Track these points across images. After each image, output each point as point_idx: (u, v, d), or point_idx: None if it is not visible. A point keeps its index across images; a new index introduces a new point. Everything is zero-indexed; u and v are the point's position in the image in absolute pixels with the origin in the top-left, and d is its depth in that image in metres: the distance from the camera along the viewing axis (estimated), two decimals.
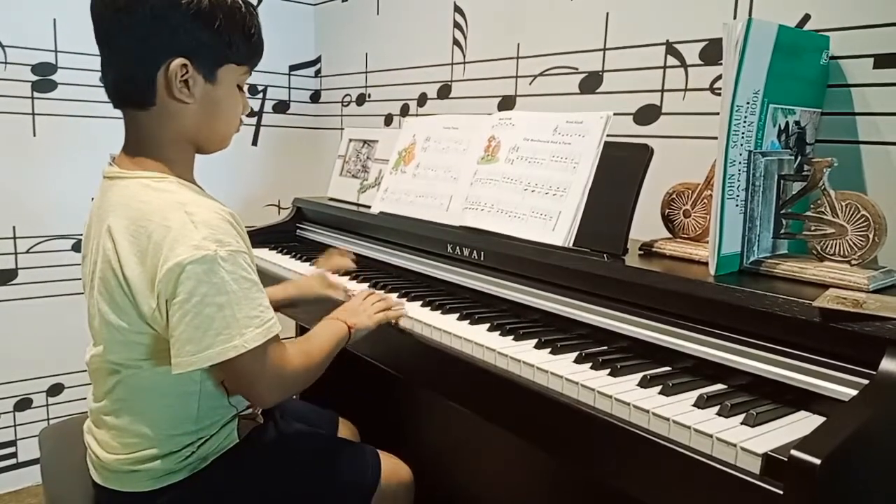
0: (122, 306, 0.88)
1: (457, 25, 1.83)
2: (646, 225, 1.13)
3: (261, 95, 2.36)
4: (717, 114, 0.92)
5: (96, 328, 0.94)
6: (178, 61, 0.89)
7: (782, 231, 0.97)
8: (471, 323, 1.09)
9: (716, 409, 0.76)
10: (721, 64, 0.91)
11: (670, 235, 1.14)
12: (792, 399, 0.78)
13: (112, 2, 0.88)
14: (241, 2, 0.94)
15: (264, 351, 0.88)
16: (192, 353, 0.84)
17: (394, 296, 1.25)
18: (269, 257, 1.67)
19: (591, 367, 0.89)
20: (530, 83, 1.62)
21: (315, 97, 2.49)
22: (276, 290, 1.28)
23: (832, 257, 0.91)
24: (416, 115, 1.99)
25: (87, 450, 1.02)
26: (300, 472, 1.06)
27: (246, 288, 0.86)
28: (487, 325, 1.07)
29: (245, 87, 1.01)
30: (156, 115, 0.92)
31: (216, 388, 0.96)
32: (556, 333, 1.04)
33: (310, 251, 1.70)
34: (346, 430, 1.36)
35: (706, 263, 0.95)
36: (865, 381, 0.71)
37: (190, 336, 0.84)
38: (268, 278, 1.48)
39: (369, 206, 1.56)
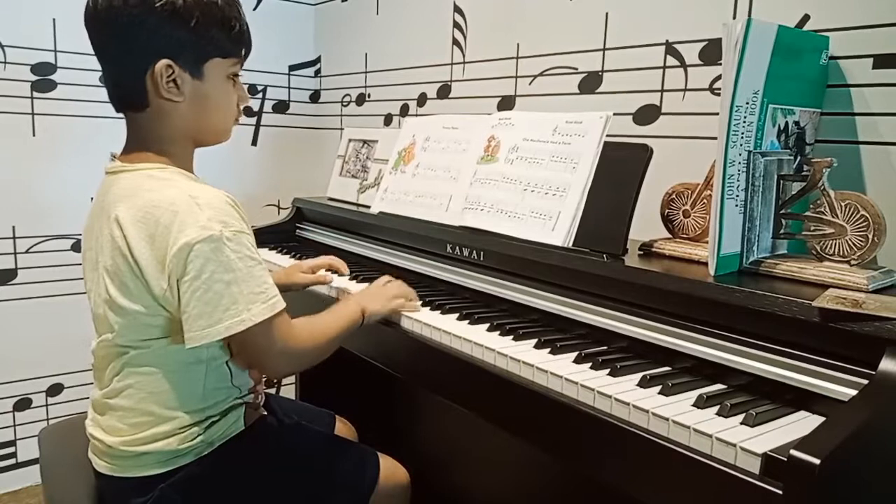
0: (133, 290, 0.92)
1: (456, 25, 1.83)
2: (645, 225, 1.13)
3: (260, 95, 2.36)
4: (717, 114, 0.92)
5: (103, 316, 0.96)
6: (163, 62, 0.93)
7: (782, 231, 0.97)
8: (470, 323, 1.09)
9: (715, 409, 0.76)
10: (720, 64, 0.91)
11: (670, 235, 1.14)
12: (791, 399, 0.78)
13: (94, 14, 0.92)
14: None
15: (270, 325, 0.92)
16: (204, 327, 0.89)
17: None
18: (269, 257, 1.67)
19: (591, 367, 0.89)
20: (530, 83, 1.62)
21: (315, 97, 2.49)
22: None
23: (832, 257, 0.91)
24: (416, 114, 1.99)
25: (89, 443, 1.02)
26: (300, 469, 1.07)
27: (250, 266, 0.91)
28: (487, 325, 1.07)
29: (239, 78, 1.03)
30: (151, 116, 0.96)
31: (221, 367, 0.98)
32: (555, 333, 1.04)
33: (309, 251, 1.70)
34: (344, 429, 1.36)
35: (706, 263, 0.96)
36: (865, 382, 0.71)
37: (201, 311, 0.88)
38: None
39: (369, 206, 1.56)
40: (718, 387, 0.84)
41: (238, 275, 0.89)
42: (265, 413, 1.11)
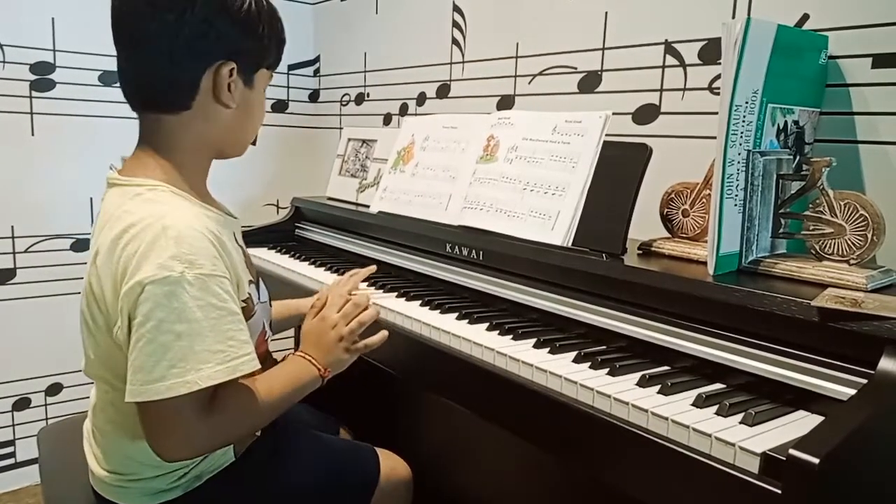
0: (97, 321, 0.86)
1: (455, 25, 1.83)
2: (644, 224, 1.13)
3: None
4: (716, 113, 0.92)
5: (84, 339, 0.92)
6: (229, 65, 0.89)
7: (781, 230, 0.97)
8: (470, 322, 1.09)
9: (714, 408, 0.76)
10: (720, 63, 0.91)
11: (669, 235, 1.14)
12: (790, 398, 0.78)
13: (151, 4, 0.85)
14: (274, 7, 0.95)
15: (221, 391, 0.81)
16: (142, 382, 0.77)
17: (370, 290, 1.21)
18: (268, 257, 1.67)
19: (590, 367, 0.89)
20: (529, 83, 1.62)
21: (314, 96, 2.49)
22: (281, 305, 1.22)
23: (831, 257, 0.91)
24: (415, 114, 1.99)
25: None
26: (299, 475, 1.06)
27: (214, 318, 0.79)
28: (486, 325, 1.07)
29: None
30: (186, 119, 0.90)
31: None
32: (554, 333, 1.04)
33: (309, 251, 1.70)
34: (342, 431, 1.36)
35: (705, 263, 0.96)
36: (864, 381, 0.72)
37: (142, 364, 0.77)
38: (266, 278, 1.48)
39: (368, 206, 1.56)
40: (717, 386, 0.84)
41: (194, 326, 0.77)
42: (258, 435, 1.03)
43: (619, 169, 1.09)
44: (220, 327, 0.80)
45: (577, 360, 0.91)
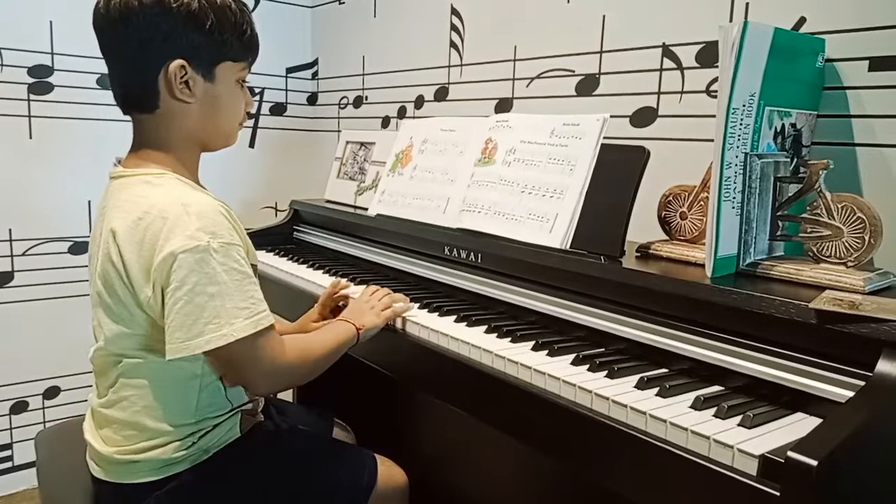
0: (121, 296, 0.92)
1: (454, 28, 1.84)
2: (642, 227, 1.13)
3: (258, 98, 2.36)
4: (714, 116, 0.92)
5: (99, 321, 0.96)
6: (177, 63, 0.93)
7: (778, 233, 0.97)
8: (468, 325, 1.09)
9: (713, 410, 0.76)
10: (717, 66, 0.91)
11: (667, 237, 1.14)
12: (789, 401, 0.78)
13: (107, 14, 0.92)
14: (230, 1, 0.97)
15: (255, 341, 0.90)
16: (182, 339, 0.87)
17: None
18: (267, 259, 1.66)
19: (589, 369, 0.89)
20: (527, 86, 1.62)
21: (312, 99, 2.50)
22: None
23: (828, 259, 0.92)
24: (414, 117, 1.99)
25: (86, 447, 1.02)
26: (298, 473, 1.06)
27: (237, 280, 0.89)
28: (485, 327, 1.07)
29: (245, 84, 1.04)
30: (161, 118, 0.97)
31: (215, 382, 0.98)
32: (553, 335, 1.04)
33: (307, 253, 1.70)
34: (341, 433, 1.36)
35: (703, 265, 0.96)
36: (862, 383, 0.72)
37: (181, 323, 0.86)
38: (265, 281, 1.48)
39: (366, 209, 1.56)
40: (716, 388, 0.84)
41: (223, 288, 0.87)
42: (262, 419, 1.10)
43: (617, 171, 1.09)
44: (243, 288, 0.90)
45: (575, 363, 0.92)
